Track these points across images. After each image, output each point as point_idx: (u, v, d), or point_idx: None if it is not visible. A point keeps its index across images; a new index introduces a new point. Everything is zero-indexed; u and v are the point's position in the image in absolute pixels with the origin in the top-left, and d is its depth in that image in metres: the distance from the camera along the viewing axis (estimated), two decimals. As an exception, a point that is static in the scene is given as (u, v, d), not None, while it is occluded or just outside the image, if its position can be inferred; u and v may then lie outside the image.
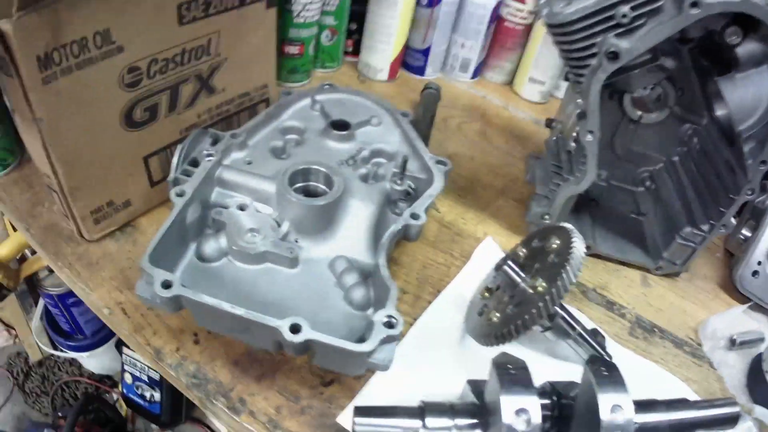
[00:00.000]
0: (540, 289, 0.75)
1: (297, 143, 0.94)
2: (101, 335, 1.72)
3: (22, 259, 1.35)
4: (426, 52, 1.42)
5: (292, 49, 1.27)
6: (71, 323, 1.65)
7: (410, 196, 0.89)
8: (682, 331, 0.99)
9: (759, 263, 1.09)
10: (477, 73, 1.50)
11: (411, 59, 1.45)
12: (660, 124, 1.08)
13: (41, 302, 1.71)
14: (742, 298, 1.09)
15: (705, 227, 1.00)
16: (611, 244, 1.08)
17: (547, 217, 1.02)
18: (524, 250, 0.88)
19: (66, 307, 1.59)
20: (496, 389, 0.62)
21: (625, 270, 1.07)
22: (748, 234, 1.13)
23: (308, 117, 0.99)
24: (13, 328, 1.99)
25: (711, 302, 1.07)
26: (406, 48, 1.42)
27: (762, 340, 1.01)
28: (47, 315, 1.72)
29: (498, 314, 0.80)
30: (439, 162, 0.91)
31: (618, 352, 0.88)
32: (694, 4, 0.74)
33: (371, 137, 0.97)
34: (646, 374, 0.89)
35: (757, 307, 1.08)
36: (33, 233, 0.91)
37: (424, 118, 1.19)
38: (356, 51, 1.44)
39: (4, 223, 1.34)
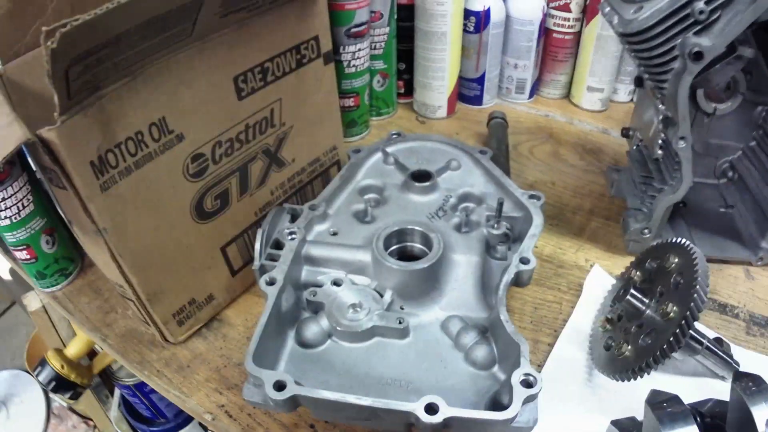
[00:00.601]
0: (672, 315, 0.71)
1: (378, 203, 0.89)
2: (185, 415, 1.66)
3: (93, 353, 1.32)
4: (480, 80, 1.38)
5: (348, 102, 1.22)
6: (152, 409, 1.61)
7: (508, 238, 0.83)
8: None
9: None
10: (533, 92, 1.45)
11: (466, 90, 1.40)
12: (733, 112, 1.04)
13: (117, 392, 1.67)
14: None
15: None
16: (709, 244, 1.04)
17: (646, 231, 0.98)
18: (638, 273, 0.83)
19: (144, 395, 1.55)
20: (655, 427, 0.58)
21: (727, 268, 1.03)
22: None
23: (384, 172, 0.94)
24: (91, 419, 1.96)
25: None
26: (460, 79, 1.37)
27: None
28: (125, 403, 1.68)
29: (629, 346, 0.75)
30: (532, 197, 0.86)
31: (743, 356, 0.84)
32: None
33: (454, 182, 0.92)
34: None
35: None
36: (111, 343, 0.87)
37: (499, 151, 1.15)
38: (408, 92, 1.39)
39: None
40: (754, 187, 1.06)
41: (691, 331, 0.74)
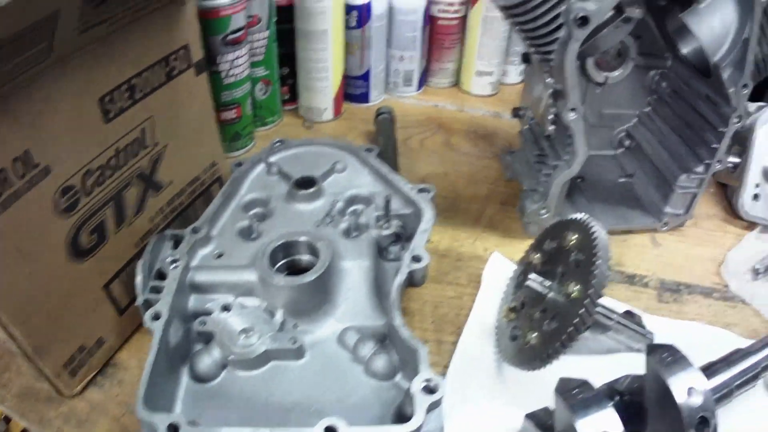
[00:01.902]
0: (575, 294, 0.68)
1: (264, 217, 0.85)
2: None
3: (7, 418, 1.24)
4: (366, 77, 1.34)
5: (229, 114, 1.16)
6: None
7: (400, 237, 0.81)
8: (707, 279, 0.97)
9: (757, 185, 1.08)
10: (422, 83, 1.43)
11: (352, 88, 1.36)
12: (625, 79, 1.04)
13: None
14: (749, 224, 1.09)
15: (700, 169, 0.98)
16: (612, 215, 1.05)
17: (544, 211, 0.97)
18: (538, 256, 0.81)
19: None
20: (569, 417, 0.58)
21: (633, 237, 1.04)
22: (737, 160, 1.10)
23: (268, 184, 0.90)
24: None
25: (722, 239, 1.06)
26: (345, 78, 1.33)
27: None
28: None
29: (535, 333, 0.72)
30: (421, 190, 0.84)
31: (656, 325, 0.84)
32: None
33: (341, 185, 0.89)
34: (689, 337, 0.84)
35: (765, 228, 1.09)
36: (9, 405, 0.80)
37: (387, 148, 1.12)
38: (293, 97, 1.34)
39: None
40: (652, 152, 1.07)
41: (597, 309, 0.72)
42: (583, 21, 0.73)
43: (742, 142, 1.08)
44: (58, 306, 0.71)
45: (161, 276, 0.74)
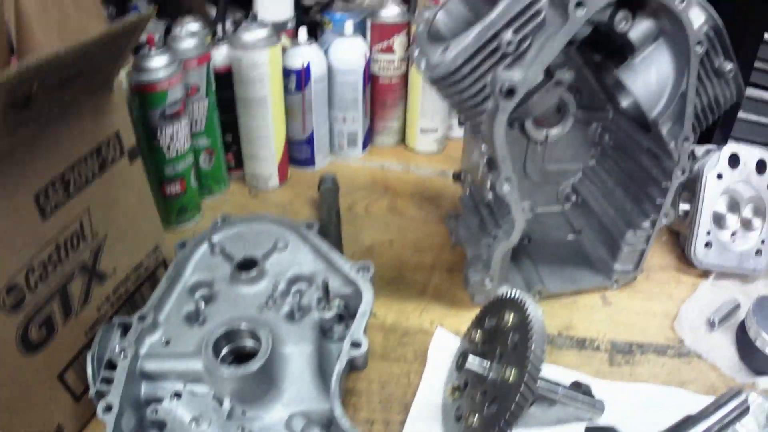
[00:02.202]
0: (512, 379, 0.73)
1: (210, 299, 0.90)
2: None
3: None
4: (310, 141, 1.41)
5: (174, 188, 1.22)
6: None
7: (342, 318, 0.86)
8: (660, 336, 1.01)
9: (708, 233, 1.12)
10: (367, 142, 1.50)
11: (297, 153, 1.43)
12: (567, 134, 1.08)
13: None
14: (704, 272, 1.13)
15: (646, 224, 1.02)
16: (559, 278, 1.08)
17: (488, 281, 1.00)
18: (479, 333, 0.86)
19: None
20: None
21: (583, 298, 1.08)
22: (687, 207, 1.14)
23: (212, 265, 0.95)
24: None
25: (675, 291, 1.10)
26: (288, 143, 1.39)
27: (738, 306, 1.04)
28: None
29: (476, 416, 0.77)
30: (361, 269, 0.89)
31: (608, 391, 0.87)
32: (579, 4, 0.73)
33: (282, 265, 0.94)
34: (643, 400, 0.88)
35: (722, 275, 1.13)
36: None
37: (330, 220, 1.17)
38: (239, 164, 1.40)
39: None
40: (598, 208, 1.11)
41: (541, 384, 0.78)
42: (510, 92, 0.76)
43: (691, 188, 1.12)
44: (15, 398, 0.77)
45: (112, 365, 0.79)
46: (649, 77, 0.88)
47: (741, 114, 1.37)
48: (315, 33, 1.47)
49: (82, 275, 0.85)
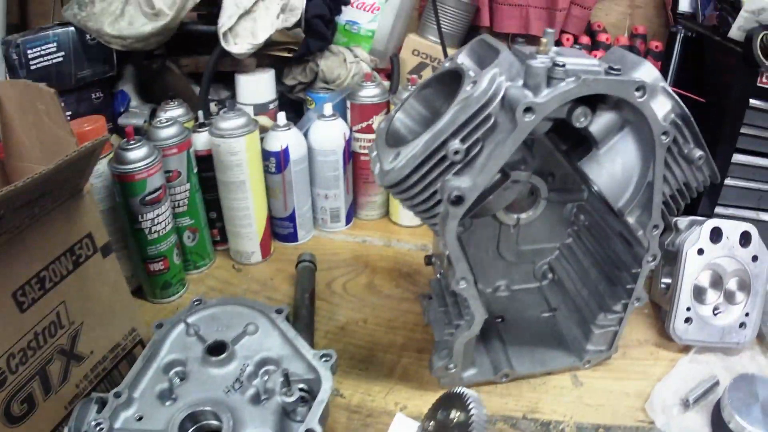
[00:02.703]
0: None
1: (182, 377, 0.97)
2: None
3: None
4: (292, 218, 1.48)
5: (157, 266, 1.30)
6: None
7: (306, 400, 0.92)
8: (630, 417, 1.01)
9: (688, 308, 1.13)
10: (350, 217, 1.58)
11: (280, 229, 1.51)
12: (541, 215, 1.12)
13: None
14: (684, 347, 1.14)
15: (618, 307, 1.03)
16: (529, 359, 1.10)
17: (452, 367, 1.03)
18: (432, 424, 0.88)
19: None
20: None
21: (553, 378, 1.09)
22: (668, 281, 1.18)
23: (187, 345, 1.01)
24: None
25: (652, 368, 1.11)
26: (272, 219, 1.48)
27: (717, 383, 1.05)
28: None
29: None
30: (323, 356, 0.95)
31: None
32: (528, 110, 0.75)
33: (251, 348, 1.00)
34: None
35: (705, 349, 1.14)
36: None
37: (302, 303, 1.24)
38: (224, 239, 1.48)
39: None
40: (572, 287, 1.14)
41: None
42: (458, 200, 0.79)
43: (672, 262, 1.15)
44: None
45: (89, 438, 0.87)
46: (615, 168, 0.89)
47: (728, 181, 1.38)
48: (299, 110, 1.59)
49: (60, 357, 0.94)
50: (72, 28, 1.44)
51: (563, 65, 0.78)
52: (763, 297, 1.16)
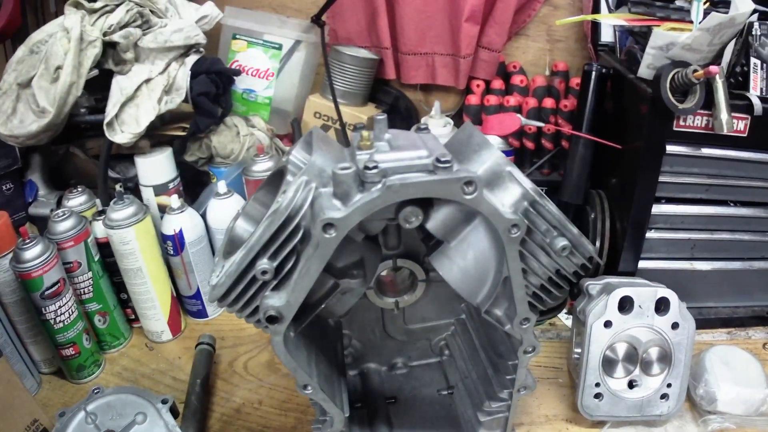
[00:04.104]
0: None
1: None
2: None
3: None
4: (198, 296, 1.64)
5: (68, 351, 1.44)
6: None
7: None
8: None
9: (597, 384, 1.14)
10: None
11: (189, 306, 1.66)
12: (427, 294, 1.14)
13: None
14: (599, 422, 1.16)
15: (504, 395, 1.04)
16: None
17: None
18: None
19: None
20: None
21: None
22: (580, 351, 1.17)
23: None
24: None
25: None
26: (180, 297, 1.64)
27: None
28: None
29: None
30: None
31: None
32: (327, 226, 0.74)
33: None
34: None
35: (622, 422, 1.16)
36: None
37: (193, 388, 1.36)
38: (138, 317, 1.62)
39: None
40: (463, 368, 1.16)
41: None
42: (273, 319, 0.82)
43: (583, 331, 1.14)
44: None
45: None
46: (467, 262, 0.86)
47: (651, 234, 1.39)
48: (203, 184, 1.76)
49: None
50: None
51: (375, 167, 0.75)
52: (688, 365, 1.16)
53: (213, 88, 1.68)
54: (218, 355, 1.51)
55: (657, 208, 1.37)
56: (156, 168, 1.67)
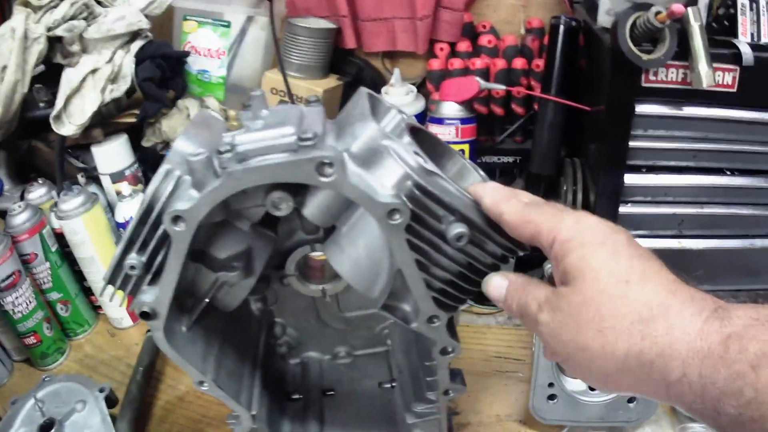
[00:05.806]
0: None
1: None
2: None
3: None
4: None
5: (30, 340, 1.57)
6: None
7: None
8: None
9: (551, 384, 1.09)
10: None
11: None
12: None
13: None
14: (557, 426, 1.12)
15: (432, 396, 1.01)
16: None
17: None
18: None
19: None
20: None
21: None
22: None
23: (34, 420, 1.20)
24: None
25: None
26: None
27: None
28: None
29: None
30: None
31: None
32: (176, 219, 0.73)
33: (78, 425, 1.20)
34: None
35: (578, 428, 1.12)
36: None
37: (134, 377, 1.46)
38: None
39: None
40: (398, 360, 1.14)
41: None
42: (147, 315, 0.82)
43: None
44: None
45: None
46: (358, 252, 0.80)
47: (628, 208, 1.32)
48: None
49: None
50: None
51: (228, 150, 0.72)
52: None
53: (159, 72, 1.75)
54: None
55: (635, 178, 1.31)
56: (111, 156, 1.77)
